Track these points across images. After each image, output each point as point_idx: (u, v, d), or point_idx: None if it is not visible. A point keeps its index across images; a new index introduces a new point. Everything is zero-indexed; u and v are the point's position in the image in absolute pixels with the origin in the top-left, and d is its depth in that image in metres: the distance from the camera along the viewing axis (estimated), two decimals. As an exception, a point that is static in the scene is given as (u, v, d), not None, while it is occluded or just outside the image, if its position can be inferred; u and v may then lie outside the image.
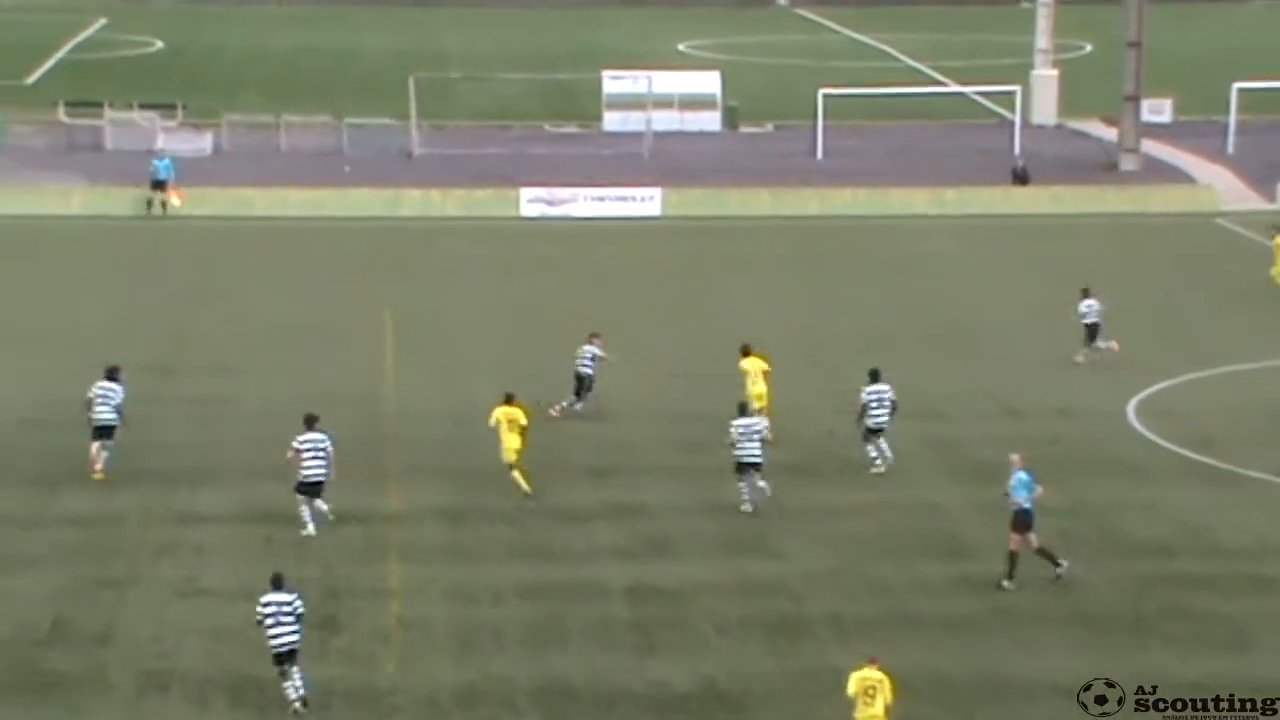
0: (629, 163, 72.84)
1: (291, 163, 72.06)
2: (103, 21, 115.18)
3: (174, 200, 63.71)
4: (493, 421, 36.95)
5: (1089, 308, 46.39)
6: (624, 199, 65.98)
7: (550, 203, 65.66)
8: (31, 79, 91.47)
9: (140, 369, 41.80)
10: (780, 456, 39.28)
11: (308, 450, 34.62)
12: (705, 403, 41.16)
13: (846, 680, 26.71)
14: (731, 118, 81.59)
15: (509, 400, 37.06)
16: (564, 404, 41.56)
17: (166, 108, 76.93)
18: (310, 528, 34.71)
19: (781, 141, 78.88)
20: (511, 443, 36.66)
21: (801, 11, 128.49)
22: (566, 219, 64.85)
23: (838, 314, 52.17)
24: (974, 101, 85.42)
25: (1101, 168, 73.01)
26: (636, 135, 76.54)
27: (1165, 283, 55.66)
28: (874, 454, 38.54)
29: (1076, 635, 30.95)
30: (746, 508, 36.10)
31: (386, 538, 35.06)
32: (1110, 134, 77.09)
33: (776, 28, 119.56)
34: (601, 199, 65.93)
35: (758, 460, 35.97)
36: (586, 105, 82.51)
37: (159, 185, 63.89)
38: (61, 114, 76.13)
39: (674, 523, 35.90)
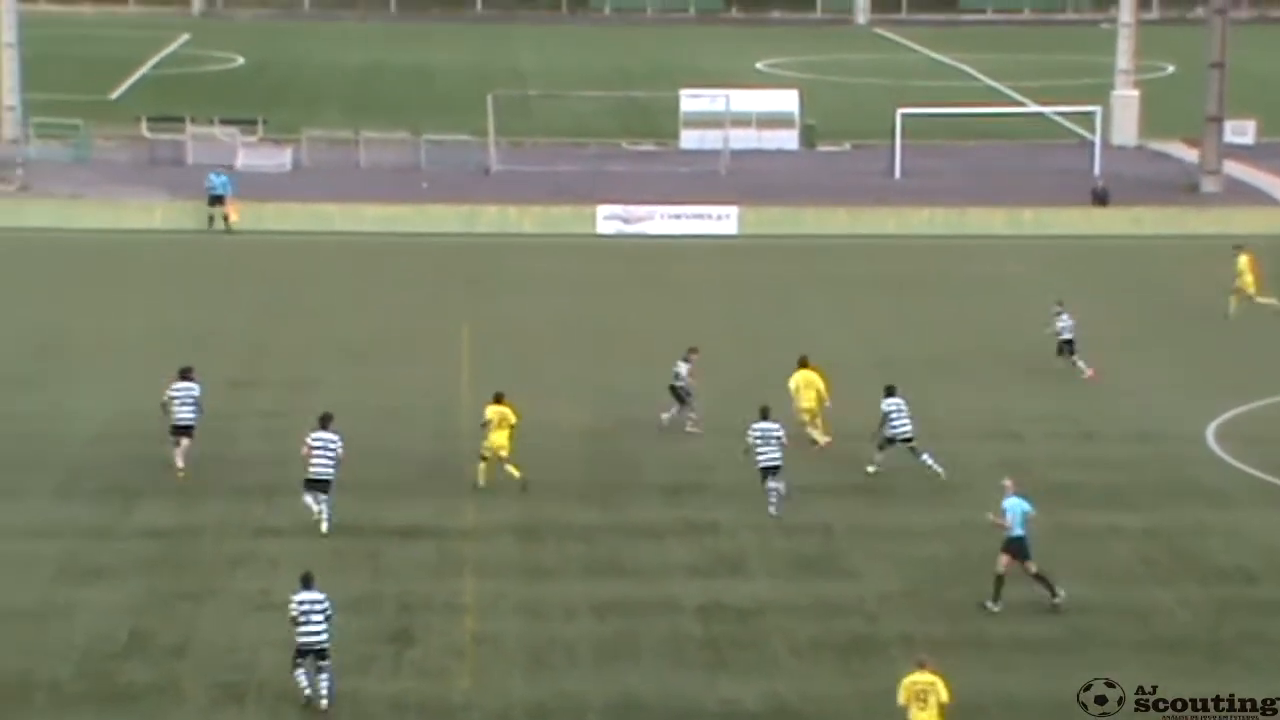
0: (706, 181, 72.85)
1: (370, 178, 72.43)
2: (185, 37, 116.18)
3: (233, 216, 64.07)
4: (486, 417, 37.71)
5: (1064, 322, 46.22)
6: (700, 217, 65.96)
7: (626, 220, 65.74)
8: (115, 94, 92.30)
9: (219, 382, 42.08)
10: (855, 478, 39.19)
11: (317, 448, 35.47)
12: (781, 422, 41.04)
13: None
14: (809, 136, 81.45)
15: (499, 399, 37.95)
16: (683, 414, 41.55)
17: (247, 123, 77.44)
18: (325, 526, 35.38)
19: (859, 160, 78.70)
20: (500, 439, 37.55)
21: (880, 31, 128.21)
22: (642, 236, 64.90)
23: (914, 334, 51.93)
24: (1053, 122, 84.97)
25: (1182, 189, 72.49)
26: (714, 153, 76.54)
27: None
28: (880, 457, 38.92)
29: (1153, 659, 30.68)
30: (773, 510, 36.56)
31: (461, 553, 35.16)
32: (1192, 155, 76.47)
33: (855, 47, 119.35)
34: (678, 217, 65.94)
35: (778, 464, 36.41)
36: (664, 123, 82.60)
37: (217, 200, 64.28)
38: (144, 129, 76.78)
39: (747, 541, 35.85)
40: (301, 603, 28.94)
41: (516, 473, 37.64)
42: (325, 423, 36.02)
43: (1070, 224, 66.76)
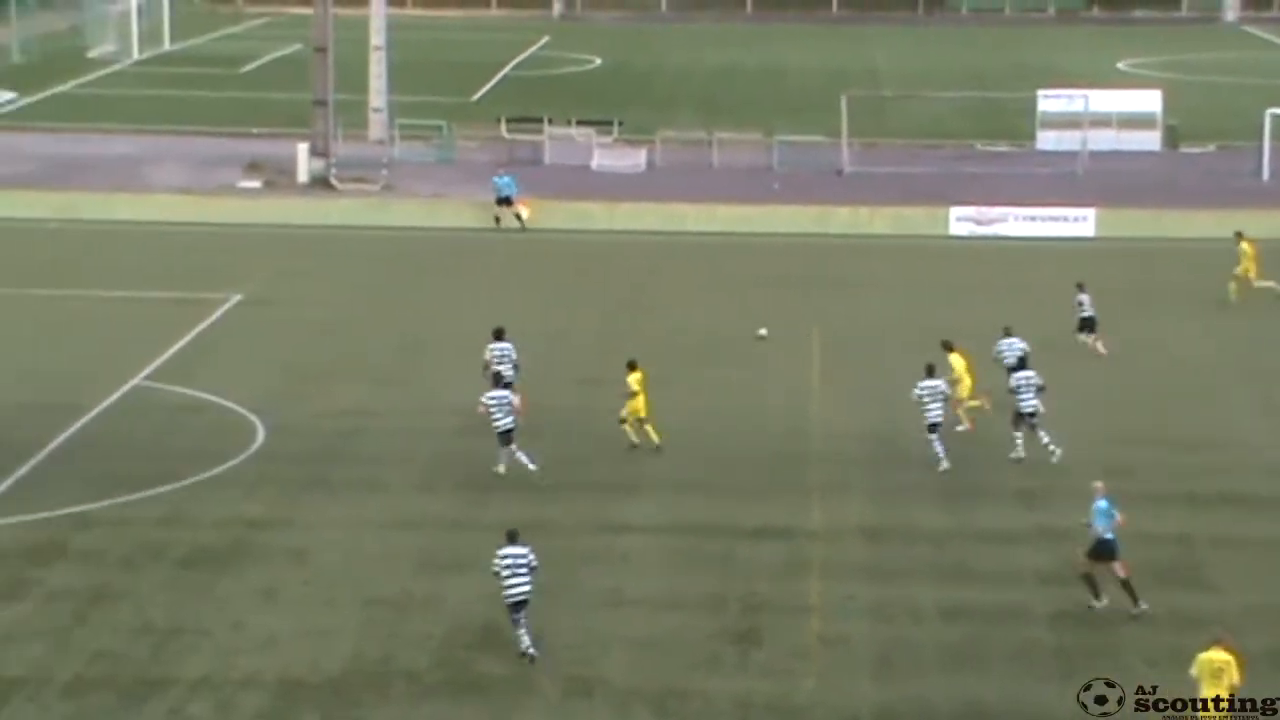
0: (1062, 182, 71.56)
1: (722, 179, 72.85)
2: (545, 40, 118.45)
3: (524, 212, 64.99)
4: (635, 386, 40.14)
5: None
6: (1056, 219, 64.80)
7: (979, 222, 64.93)
8: (476, 96, 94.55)
9: (572, 380, 42.76)
10: (1217, 485, 38.12)
11: (494, 404, 38.79)
12: (1136, 428, 40.15)
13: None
14: (1171, 137, 79.49)
15: (634, 366, 40.40)
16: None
17: (603, 124, 78.59)
18: (501, 468, 38.66)
19: (1224, 161, 76.46)
20: (639, 404, 40.18)
21: (1249, 29, 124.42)
22: (996, 238, 64.03)
23: (1280, 340, 50.23)
24: None
25: None
26: (1070, 154, 75.18)
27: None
28: (1019, 437, 39.69)
29: None
30: (945, 465, 38.91)
31: (808, 554, 35.11)
32: None
33: (1222, 45, 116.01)
34: (1032, 219, 64.89)
35: (940, 420, 39.20)
36: (1019, 124, 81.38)
37: (504, 201, 65.21)
38: (503, 130, 78.48)
39: (1102, 550, 35.05)
40: (506, 557, 30.24)
41: (656, 437, 39.93)
42: (498, 381, 39.39)
43: None
